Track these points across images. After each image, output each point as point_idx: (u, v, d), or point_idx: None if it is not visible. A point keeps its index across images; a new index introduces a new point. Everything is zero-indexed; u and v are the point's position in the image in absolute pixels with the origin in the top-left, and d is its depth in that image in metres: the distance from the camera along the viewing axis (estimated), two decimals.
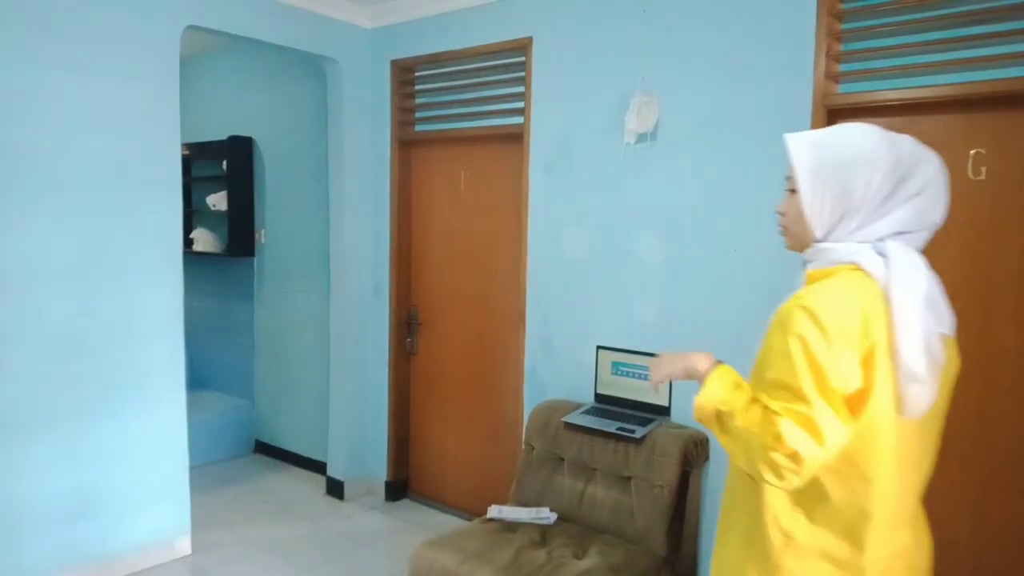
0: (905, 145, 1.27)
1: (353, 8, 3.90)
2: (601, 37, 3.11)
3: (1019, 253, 2.28)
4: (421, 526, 3.79)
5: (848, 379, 1.18)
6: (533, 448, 3.03)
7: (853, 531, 1.24)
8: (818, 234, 1.30)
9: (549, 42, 3.29)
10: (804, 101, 2.56)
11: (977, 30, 2.28)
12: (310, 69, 4.28)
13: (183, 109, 3.31)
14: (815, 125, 2.54)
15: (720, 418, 1.27)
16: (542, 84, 3.33)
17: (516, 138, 3.47)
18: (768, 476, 1.20)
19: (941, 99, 2.34)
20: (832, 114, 2.55)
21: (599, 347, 3.12)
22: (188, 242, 4.88)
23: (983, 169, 2.33)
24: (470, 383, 3.87)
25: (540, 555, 2.50)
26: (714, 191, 2.80)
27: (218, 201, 4.83)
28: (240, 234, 4.77)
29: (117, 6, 3.03)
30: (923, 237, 1.30)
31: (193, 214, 5.07)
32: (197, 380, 5.22)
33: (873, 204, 1.24)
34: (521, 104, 3.44)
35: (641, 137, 2.97)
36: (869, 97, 2.46)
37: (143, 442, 3.21)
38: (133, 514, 3.20)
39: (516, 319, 3.53)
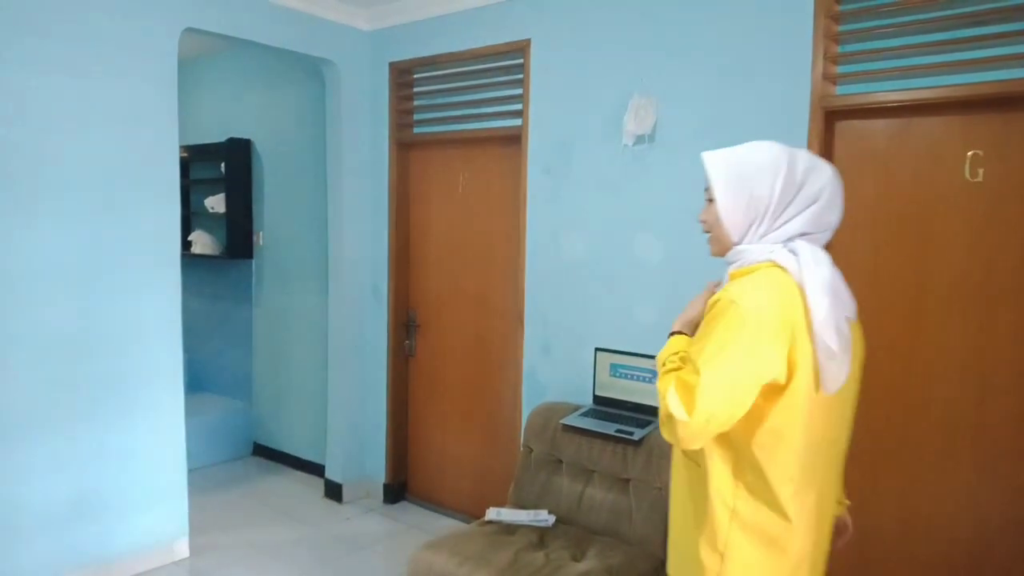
0: (801, 157, 1.46)
1: (351, 10, 3.91)
2: (599, 39, 3.11)
3: (1017, 254, 2.28)
4: (419, 528, 3.79)
5: (766, 365, 1.33)
6: (532, 450, 3.03)
7: (783, 503, 1.39)
8: (735, 238, 1.48)
9: (547, 44, 3.29)
10: (802, 103, 2.57)
11: (974, 32, 2.28)
12: (308, 71, 4.28)
13: (181, 111, 3.31)
14: (813, 127, 2.54)
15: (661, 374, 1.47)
16: (540, 86, 3.33)
17: (514, 140, 3.48)
18: (663, 432, 1.38)
19: (939, 100, 2.34)
20: (830, 116, 2.55)
21: (597, 349, 3.12)
22: (186, 244, 4.88)
23: (980, 171, 2.33)
24: (468, 385, 3.87)
25: (538, 557, 2.50)
26: None
27: (216, 203, 4.83)
28: (238, 236, 4.77)
29: (115, 9, 3.03)
30: (825, 237, 1.48)
31: (191, 216, 5.07)
32: (195, 382, 5.22)
33: (778, 209, 1.43)
34: (519, 106, 3.44)
35: (639, 139, 2.97)
36: (867, 99, 2.46)
37: (141, 445, 3.21)
38: (131, 517, 3.19)
39: (515, 321, 3.53)
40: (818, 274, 1.38)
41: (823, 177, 1.45)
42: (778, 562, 1.41)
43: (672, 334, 1.57)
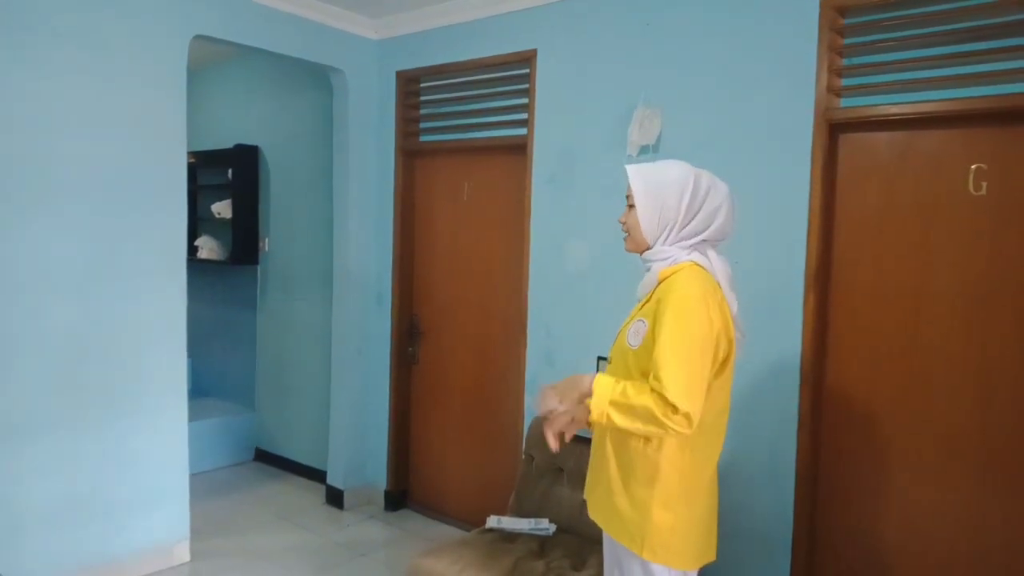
0: (704, 176, 1.75)
1: (360, 20, 3.94)
2: (604, 50, 3.14)
3: (1020, 267, 2.28)
4: (420, 536, 3.78)
5: (720, 341, 1.67)
6: (533, 459, 3.03)
7: (715, 457, 1.81)
8: (650, 241, 1.77)
9: (553, 55, 3.32)
10: (806, 115, 2.58)
11: (978, 46, 2.29)
12: (316, 79, 4.32)
13: (190, 117, 3.35)
14: (817, 139, 2.55)
15: (616, 407, 1.63)
16: (546, 96, 3.35)
17: (519, 149, 3.49)
18: (675, 428, 1.58)
19: (942, 114, 2.35)
20: (834, 128, 2.56)
21: (600, 358, 3.12)
22: (192, 250, 4.91)
23: (984, 184, 2.33)
24: (471, 393, 3.87)
25: (539, 566, 2.50)
26: None
27: (223, 209, 4.86)
28: (244, 242, 4.79)
29: (126, 15, 3.06)
30: (723, 244, 1.82)
31: (198, 222, 5.08)
32: (199, 387, 5.23)
33: (685, 220, 1.73)
34: (525, 116, 3.46)
35: (644, 149, 2.99)
36: (871, 111, 2.47)
37: (143, 448, 3.22)
38: (132, 520, 3.20)
39: (517, 329, 3.53)
40: (726, 273, 1.76)
41: (720, 195, 1.75)
42: (711, 505, 1.83)
43: (592, 379, 1.70)
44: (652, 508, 1.72)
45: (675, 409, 1.55)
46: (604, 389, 1.65)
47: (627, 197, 1.80)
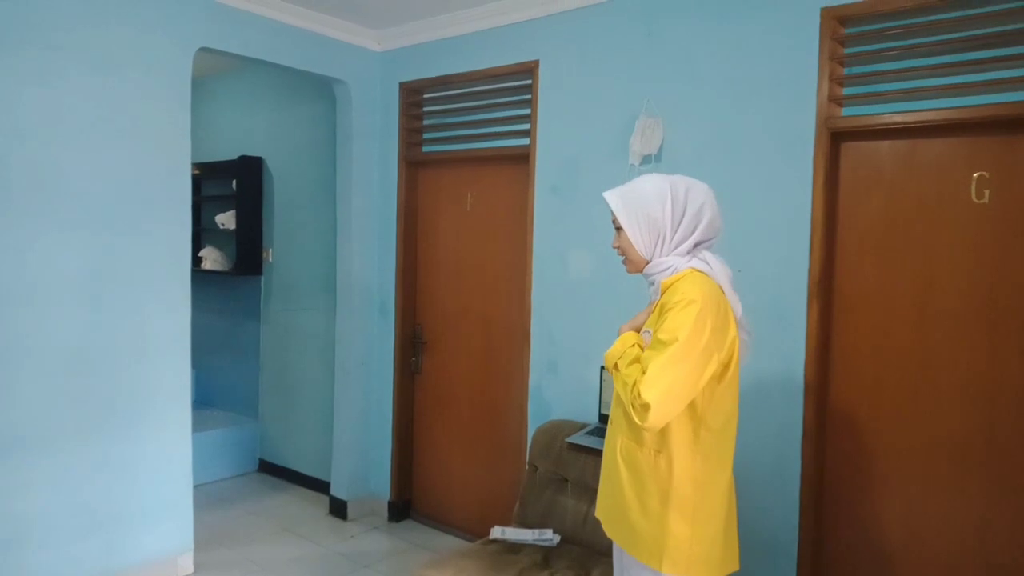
0: (679, 181, 1.77)
1: (363, 31, 3.97)
2: (606, 60, 3.15)
3: (1022, 274, 2.28)
4: (423, 547, 3.77)
5: (722, 345, 1.68)
6: (537, 469, 3.02)
7: (729, 462, 1.79)
8: (647, 256, 1.80)
9: (555, 65, 3.33)
10: (808, 124, 2.58)
11: (980, 55, 2.30)
12: (320, 90, 4.34)
13: (194, 129, 3.36)
14: (819, 147, 2.55)
15: (616, 367, 1.77)
16: (548, 106, 3.36)
17: (522, 159, 3.50)
18: (636, 417, 1.64)
19: (944, 122, 2.35)
20: (836, 137, 2.56)
21: (603, 368, 3.11)
22: (196, 260, 4.93)
23: (986, 192, 2.33)
24: (474, 403, 3.86)
25: None
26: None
27: (227, 220, 4.88)
28: (248, 253, 4.81)
29: (131, 27, 3.08)
30: (716, 241, 1.83)
31: (202, 232, 5.12)
32: (202, 398, 5.24)
33: (673, 226, 1.75)
34: (527, 126, 3.48)
35: (646, 159, 2.99)
36: (872, 120, 2.47)
37: (147, 459, 3.22)
38: (136, 531, 3.19)
39: (521, 339, 3.53)
40: (726, 276, 1.77)
41: (700, 194, 1.76)
42: (730, 513, 1.80)
43: (623, 332, 1.85)
44: (669, 520, 1.71)
45: (639, 395, 1.60)
46: (621, 346, 1.80)
47: (613, 223, 1.84)
